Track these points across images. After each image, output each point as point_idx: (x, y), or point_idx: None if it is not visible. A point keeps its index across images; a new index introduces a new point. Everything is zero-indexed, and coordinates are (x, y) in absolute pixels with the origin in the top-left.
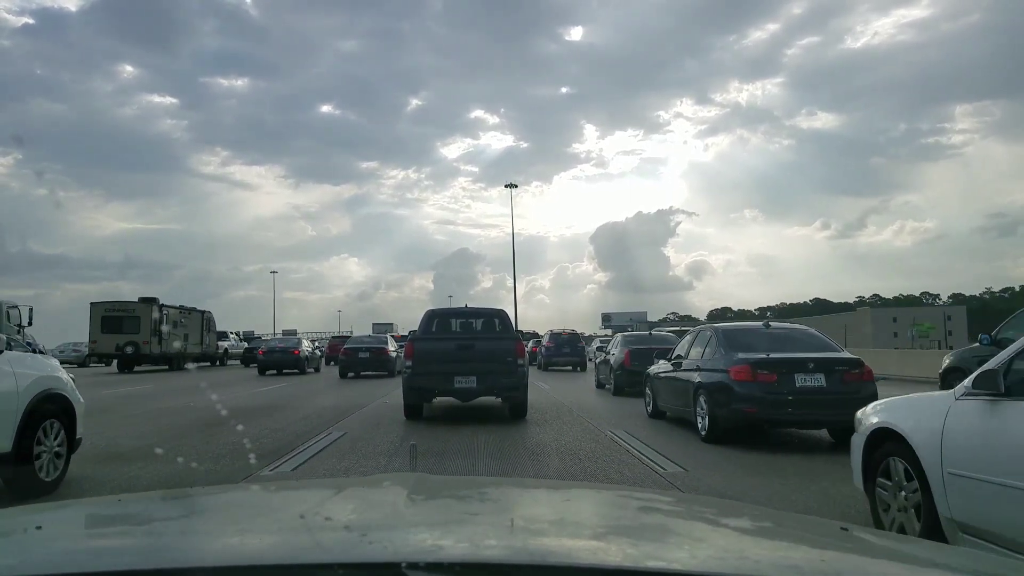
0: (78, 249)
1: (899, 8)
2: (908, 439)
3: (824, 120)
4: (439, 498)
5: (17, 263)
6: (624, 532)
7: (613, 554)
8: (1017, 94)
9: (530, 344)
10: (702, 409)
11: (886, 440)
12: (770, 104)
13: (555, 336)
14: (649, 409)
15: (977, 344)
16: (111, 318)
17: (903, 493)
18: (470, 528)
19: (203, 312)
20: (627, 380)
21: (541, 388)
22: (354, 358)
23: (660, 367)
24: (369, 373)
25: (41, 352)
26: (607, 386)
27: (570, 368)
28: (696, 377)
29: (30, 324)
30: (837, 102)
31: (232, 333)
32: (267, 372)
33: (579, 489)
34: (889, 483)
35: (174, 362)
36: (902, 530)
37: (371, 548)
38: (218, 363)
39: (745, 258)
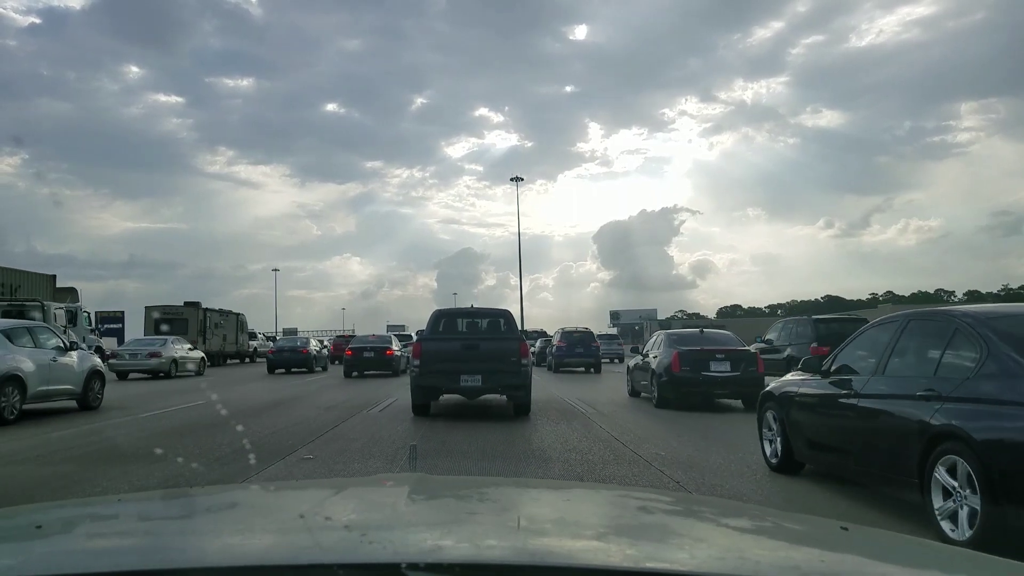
0: (83, 248)
1: (904, 6)
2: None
3: (829, 118)
4: (439, 498)
5: (23, 262)
6: (624, 532)
7: (613, 554)
8: (1023, 92)
9: (537, 343)
10: (959, 487)
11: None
12: (775, 102)
13: (567, 335)
14: (772, 452)
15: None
16: (163, 320)
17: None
18: (470, 528)
19: (238, 314)
20: (675, 389)
21: (578, 409)
22: (359, 357)
23: (801, 383)
24: (373, 372)
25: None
26: (644, 395)
27: (583, 369)
28: (935, 414)
29: (74, 325)
30: (842, 100)
31: (260, 333)
32: (276, 371)
33: (579, 489)
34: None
35: (214, 359)
36: None
37: (371, 548)
38: (247, 360)
39: (749, 257)
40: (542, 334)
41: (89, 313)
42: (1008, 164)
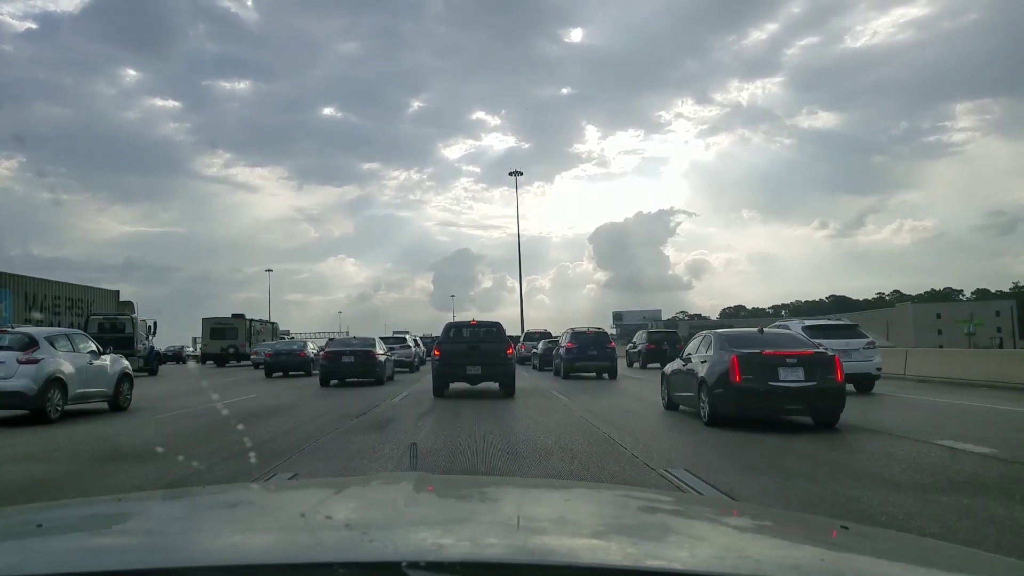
0: (81, 251)
1: (898, 7)
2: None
3: (825, 119)
4: (440, 497)
5: (19, 265)
6: (625, 531)
7: (614, 553)
8: (1018, 92)
9: (539, 344)
10: None
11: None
12: (771, 103)
13: (577, 335)
14: None
15: None
16: (217, 328)
17: None
18: (471, 527)
19: (273, 323)
20: (736, 404)
21: (598, 427)
22: (337, 362)
23: None
24: (354, 380)
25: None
26: (683, 408)
27: (594, 375)
28: None
29: (152, 335)
30: (838, 101)
31: (289, 337)
32: (274, 374)
33: (580, 489)
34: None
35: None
36: None
37: (372, 547)
38: None
39: (746, 257)
40: (545, 335)
41: (146, 321)
42: (1003, 164)
